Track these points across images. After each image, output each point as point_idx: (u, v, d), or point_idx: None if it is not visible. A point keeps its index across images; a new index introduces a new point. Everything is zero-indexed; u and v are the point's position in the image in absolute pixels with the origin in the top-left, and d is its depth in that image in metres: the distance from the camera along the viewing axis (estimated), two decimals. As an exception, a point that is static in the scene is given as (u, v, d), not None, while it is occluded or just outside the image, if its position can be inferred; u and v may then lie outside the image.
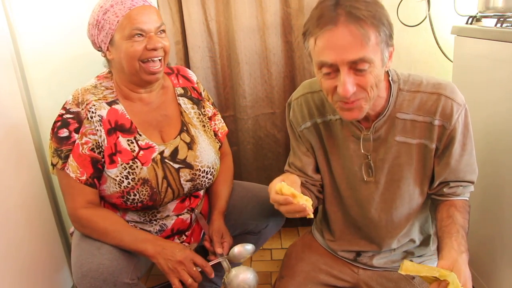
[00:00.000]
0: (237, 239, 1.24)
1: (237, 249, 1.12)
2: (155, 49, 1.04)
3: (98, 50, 1.11)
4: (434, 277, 0.80)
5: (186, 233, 1.24)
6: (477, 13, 1.44)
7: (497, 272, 1.31)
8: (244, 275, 1.09)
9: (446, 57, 1.67)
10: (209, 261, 1.09)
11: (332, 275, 1.13)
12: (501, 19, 1.28)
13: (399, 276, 1.09)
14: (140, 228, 1.15)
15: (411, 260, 1.06)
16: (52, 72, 1.48)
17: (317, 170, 1.11)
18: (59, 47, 1.48)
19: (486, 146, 1.28)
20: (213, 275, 1.07)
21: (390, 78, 0.96)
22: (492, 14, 1.37)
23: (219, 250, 1.13)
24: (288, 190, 0.86)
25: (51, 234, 1.46)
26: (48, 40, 1.46)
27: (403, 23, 1.65)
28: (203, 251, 1.23)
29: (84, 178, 1.06)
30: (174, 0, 1.64)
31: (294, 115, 1.09)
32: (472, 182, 1.01)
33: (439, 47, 1.67)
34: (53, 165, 1.07)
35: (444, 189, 0.99)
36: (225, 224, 1.21)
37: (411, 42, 1.72)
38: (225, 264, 1.12)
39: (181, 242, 1.22)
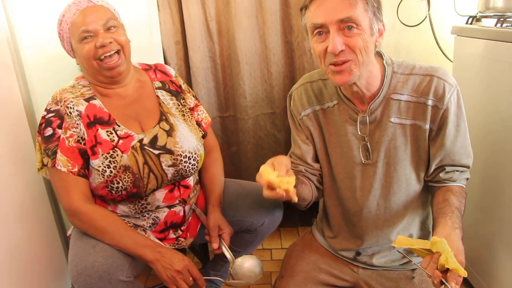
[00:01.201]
0: (234, 237, 1.25)
1: (247, 264, 1.14)
2: (104, 46, 1.07)
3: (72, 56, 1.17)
4: (426, 250, 0.81)
5: (182, 228, 1.24)
6: (477, 13, 1.44)
7: (497, 272, 1.31)
8: (249, 263, 1.13)
9: (446, 57, 1.67)
10: (206, 273, 1.12)
11: (332, 275, 1.13)
12: (501, 19, 1.28)
13: (398, 276, 1.09)
14: (133, 224, 1.16)
15: (412, 261, 1.07)
16: (52, 72, 1.48)
17: (317, 160, 1.12)
18: (59, 47, 1.48)
19: (486, 145, 1.28)
20: (203, 283, 1.10)
21: (384, 62, 1.00)
22: (492, 14, 1.37)
23: (214, 245, 1.16)
24: (266, 177, 0.85)
25: (51, 234, 1.46)
26: (48, 40, 1.45)
27: (403, 23, 1.65)
28: (201, 247, 1.24)
29: (76, 169, 1.08)
30: (174, 0, 1.64)
31: (294, 104, 1.12)
32: (467, 167, 1.02)
33: (439, 47, 1.67)
34: (45, 165, 1.10)
35: (441, 174, 1.01)
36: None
37: (411, 42, 1.72)
38: (229, 256, 1.14)
39: (177, 237, 1.23)
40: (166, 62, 1.71)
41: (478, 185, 1.30)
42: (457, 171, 1.01)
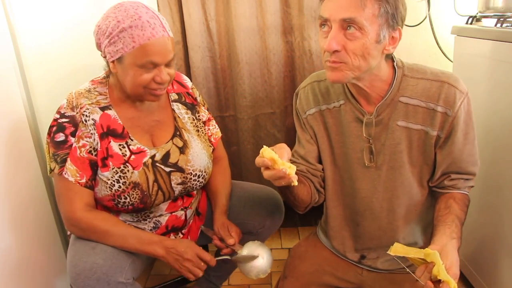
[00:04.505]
0: None
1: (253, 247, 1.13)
2: (162, 83, 1.04)
3: (100, 52, 1.09)
4: (421, 259, 0.83)
5: (183, 231, 1.24)
6: (477, 13, 1.44)
7: (497, 272, 1.31)
8: (255, 258, 1.11)
9: (446, 57, 1.67)
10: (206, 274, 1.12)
11: (336, 277, 1.12)
12: (501, 19, 1.28)
13: (403, 279, 1.08)
14: (135, 226, 1.15)
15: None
16: (53, 72, 1.48)
17: (320, 161, 1.11)
18: (60, 47, 1.48)
19: (486, 146, 1.28)
20: (214, 263, 1.10)
21: (395, 64, 0.98)
22: (492, 14, 1.37)
23: (231, 241, 1.14)
24: (268, 154, 0.84)
25: (51, 235, 1.46)
26: (48, 40, 1.45)
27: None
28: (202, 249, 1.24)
29: (84, 181, 1.06)
30: (174, 0, 1.64)
31: (300, 102, 1.11)
32: (473, 174, 1.01)
33: (439, 47, 1.67)
34: (51, 170, 1.07)
35: (445, 181, 1.00)
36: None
37: (411, 42, 1.72)
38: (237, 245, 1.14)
39: None
40: (166, 62, 1.71)
41: (478, 185, 1.30)
42: (462, 178, 0.99)
